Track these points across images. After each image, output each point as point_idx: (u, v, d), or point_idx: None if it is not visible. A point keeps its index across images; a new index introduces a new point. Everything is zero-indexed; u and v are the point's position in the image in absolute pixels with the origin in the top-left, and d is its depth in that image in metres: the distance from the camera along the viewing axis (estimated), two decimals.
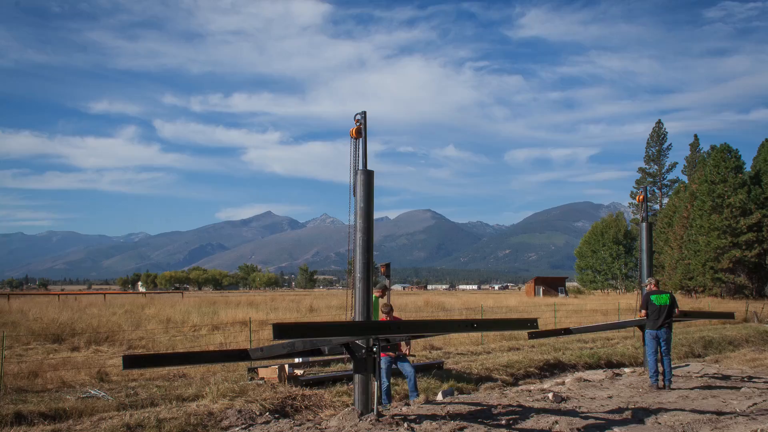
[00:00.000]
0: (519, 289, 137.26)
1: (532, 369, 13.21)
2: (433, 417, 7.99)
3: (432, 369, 12.07)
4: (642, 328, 12.90)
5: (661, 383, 10.49)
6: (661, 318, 10.55)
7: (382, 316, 9.30)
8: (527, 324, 7.43)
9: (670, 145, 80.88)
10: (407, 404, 8.93)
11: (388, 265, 13.96)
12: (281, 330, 6.03)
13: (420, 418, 7.87)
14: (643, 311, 10.92)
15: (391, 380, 9.63)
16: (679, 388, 10.45)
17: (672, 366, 13.49)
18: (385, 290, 10.59)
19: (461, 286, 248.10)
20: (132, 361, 8.48)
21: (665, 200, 77.37)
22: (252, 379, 10.78)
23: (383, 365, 9.10)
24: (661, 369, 10.62)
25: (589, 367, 13.93)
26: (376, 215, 8.92)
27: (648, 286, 11.24)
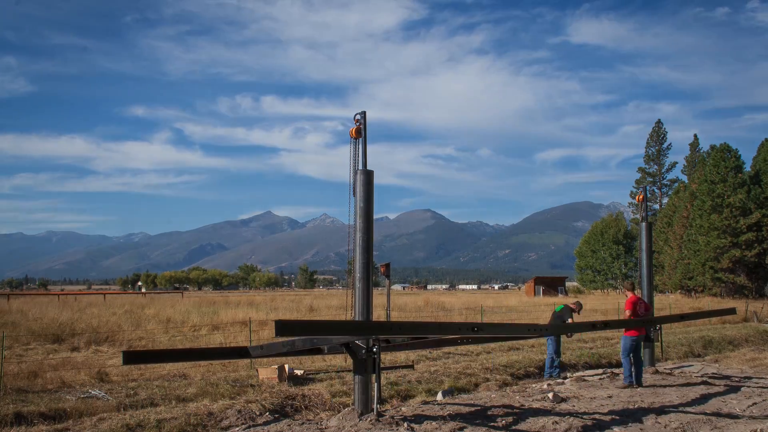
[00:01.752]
0: (519, 289, 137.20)
1: (532, 369, 13.20)
2: (432, 417, 8.00)
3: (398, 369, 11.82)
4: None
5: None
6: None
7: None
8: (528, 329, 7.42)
9: (670, 144, 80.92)
10: (407, 404, 8.93)
11: (387, 265, 13.93)
12: (283, 327, 6.01)
13: (420, 418, 7.88)
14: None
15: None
16: (679, 388, 10.45)
17: (672, 366, 13.51)
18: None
19: (461, 286, 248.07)
20: (132, 357, 8.49)
21: (665, 200, 77.40)
22: (252, 378, 10.79)
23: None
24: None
25: (589, 366, 13.92)
26: (377, 215, 8.93)
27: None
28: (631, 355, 10.64)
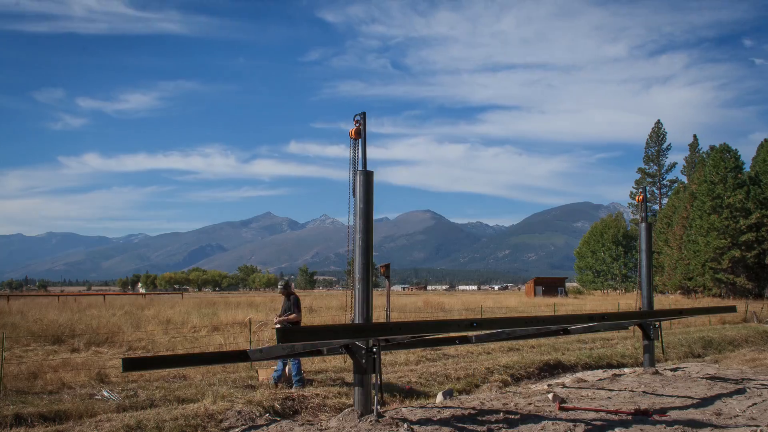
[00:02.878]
0: (519, 289, 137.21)
1: (532, 369, 13.20)
2: (432, 418, 8.00)
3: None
4: (642, 326, 12.93)
5: None
6: None
7: None
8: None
9: (669, 145, 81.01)
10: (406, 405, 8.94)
11: (387, 266, 13.93)
12: (285, 334, 6.09)
13: (420, 419, 7.88)
14: None
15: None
16: (679, 389, 10.45)
17: (672, 366, 13.51)
18: None
19: (461, 287, 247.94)
20: (131, 364, 8.50)
21: (665, 200, 77.44)
22: (251, 379, 10.78)
23: None
24: None
25: (589, 367, 13.93)
26: (376, 216, 8.93)
27: None
28: None
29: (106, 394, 9.53)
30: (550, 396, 9.40)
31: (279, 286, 10.98)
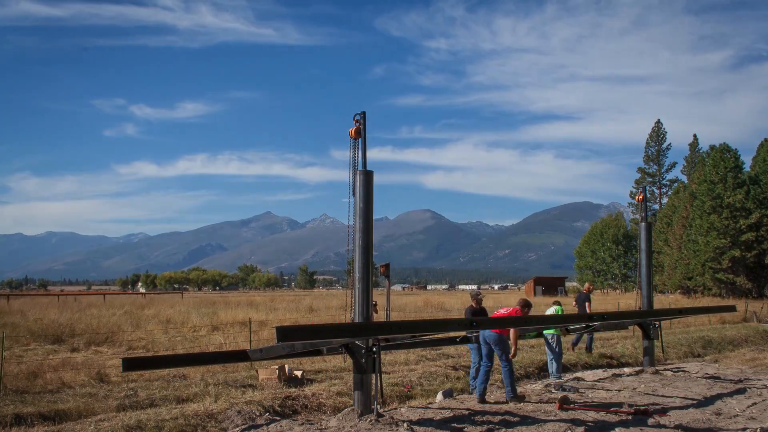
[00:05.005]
0: (519, 289, 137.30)
1: (531, 369, 13.20)
2: (432, 417, 8.00)
3: None
4: (642, 325, 12.93)
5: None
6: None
7: None
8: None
9: (670, 145, 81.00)
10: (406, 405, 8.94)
11: (387, 266, 13.94)
12: (284, 333, 6.07)
13: (420, 419, 7.88)
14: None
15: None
16: (679, 388, 10.45)
17: (672, 366, 13.51)
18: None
19: (461, 287, 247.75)
20: (131, 364, 8.50)
21: (665, 200, 77.44)
22: (251, 379, 10.78)
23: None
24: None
25: (589, 367, 13.92)
26: (376, 215, 8.93)
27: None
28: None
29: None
30: (549, 395, 9.40)
31: None
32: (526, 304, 9.53)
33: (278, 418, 8.22)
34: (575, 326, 12.49)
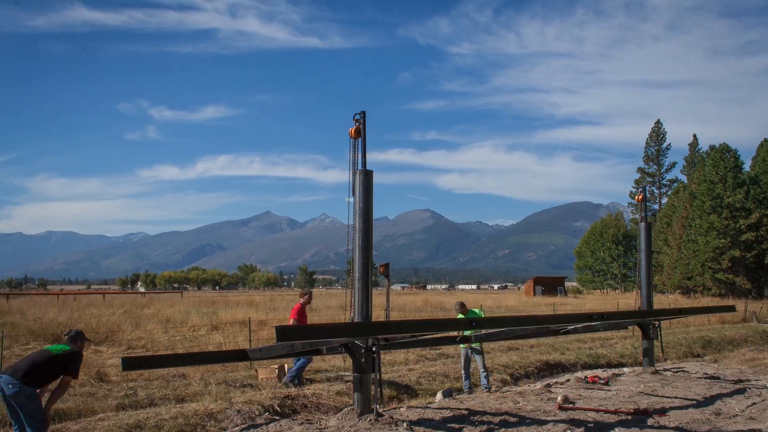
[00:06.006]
0: (518, 289, 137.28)
1: (531, 369, 13.21)
2: (432, 417, 8.00)
3: None
4: (641, 325, 12.93)
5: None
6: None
7: None
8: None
9: (669, 145, 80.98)
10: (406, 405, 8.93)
11: (387, 265, 13.92)
12: (284, 333, 6.06)
13: (419, 419, 7.88)
14: None
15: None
16: (678, 389, 10.45)
17: (672, 366, 13.51)
18: None
19: (460, 286, 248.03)
20: (131, 363, 8.49)
21: (664, 200, 77.42)
22: (251, 379, 10.78)
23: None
24: None
25: (589, 367, 13.93)
26: (376, 215, 8.92)
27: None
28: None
29: None
30: (549, 395, 9.40)
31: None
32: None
33: (278, 418, 8.22)
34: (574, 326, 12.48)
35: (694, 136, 78.59)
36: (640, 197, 13.83)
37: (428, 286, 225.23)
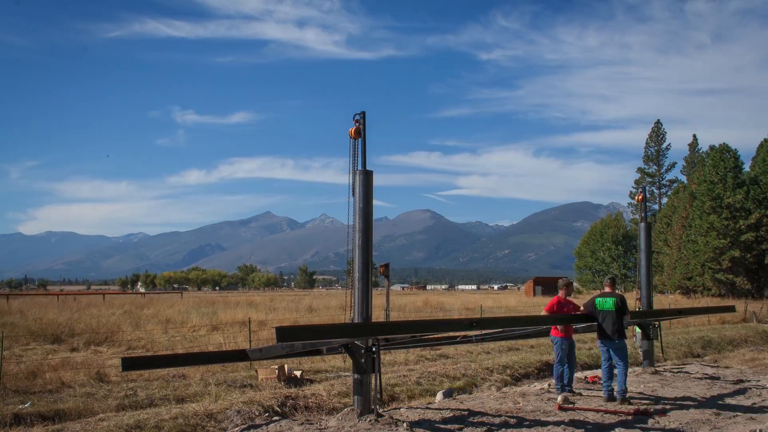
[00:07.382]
0: (518, 289, 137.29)
1: (531, 369, 13.19)
2: (432, 418, 8.00)
3: None
4: (641, 325, 12.93)
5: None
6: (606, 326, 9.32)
7: None
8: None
9: (669, 145, 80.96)
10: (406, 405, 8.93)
11: (387, 266, 13.96)
12: (284, 333, 6.07)
13: (419, 419, 7.88)
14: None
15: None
16: (678, 389, 10.45)
17: (671, 366, 13.50)
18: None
19: (460, 287, 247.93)
20: (131, 364, 8.49)
21: (664, 200, 77.41)
22: (251, 379, 10.77)
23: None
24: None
25: (589, 367, 13.91)
26: (376, 215, 8.92)
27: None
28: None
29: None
30: (549, 396, 9.39)
31: None
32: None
33: (278, 418, 8.21)
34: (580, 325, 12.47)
35: (694, 136, 78.60)
36: (640, 197, 13.83)
37: (428, 287, 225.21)
